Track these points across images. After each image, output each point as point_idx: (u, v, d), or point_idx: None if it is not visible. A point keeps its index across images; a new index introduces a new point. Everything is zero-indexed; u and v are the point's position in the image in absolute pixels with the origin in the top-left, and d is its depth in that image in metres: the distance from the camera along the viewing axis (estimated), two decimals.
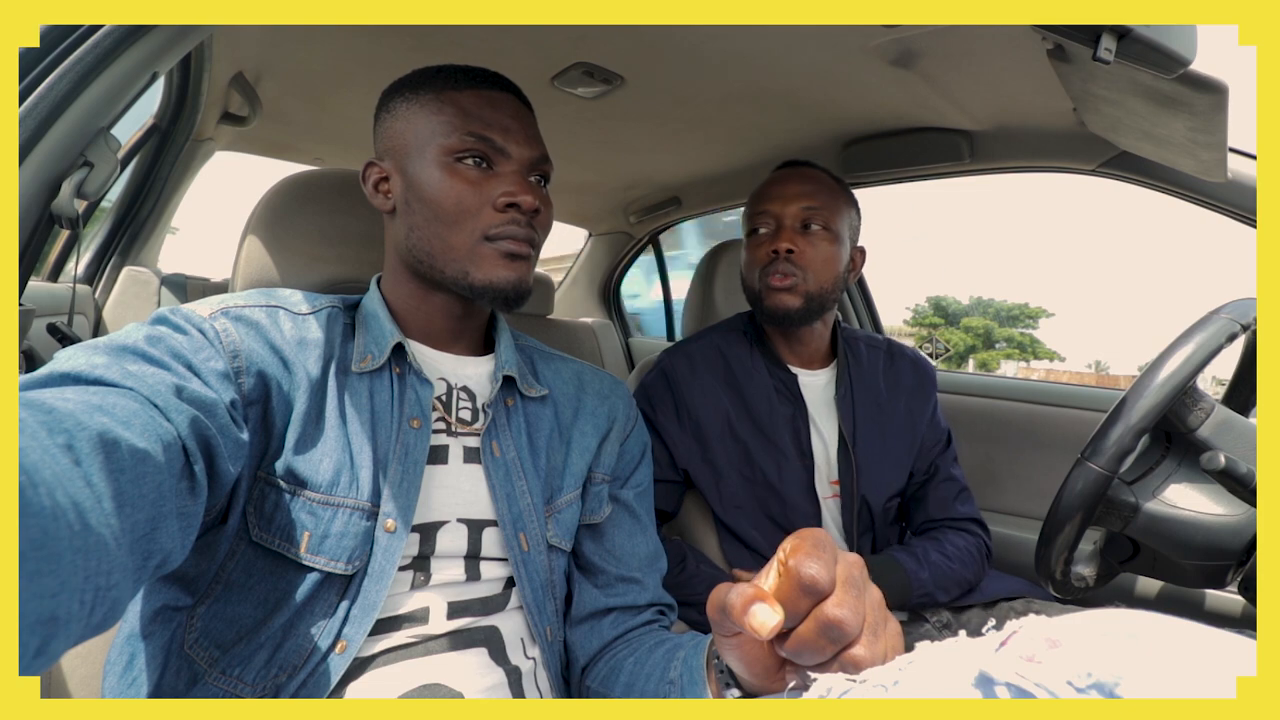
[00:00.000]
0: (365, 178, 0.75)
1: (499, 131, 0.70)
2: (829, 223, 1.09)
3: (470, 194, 0.69)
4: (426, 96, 0.72)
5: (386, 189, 0.73)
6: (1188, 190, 1.10)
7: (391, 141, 0.73)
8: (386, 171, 0.73)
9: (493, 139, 0.70)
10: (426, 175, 0.69)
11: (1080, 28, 0.65)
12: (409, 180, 0.71)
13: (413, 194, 0.70)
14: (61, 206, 0.68)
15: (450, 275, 0.70)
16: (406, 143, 0.71)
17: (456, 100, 0.71)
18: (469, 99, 0.71)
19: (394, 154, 0.72)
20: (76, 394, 0.44)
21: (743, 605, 0.37)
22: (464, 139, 0.69)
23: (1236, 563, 0.79)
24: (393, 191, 0.73)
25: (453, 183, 0.69)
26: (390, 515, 0.63)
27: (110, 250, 1.55)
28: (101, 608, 0.36)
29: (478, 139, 0.69)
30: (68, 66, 0.63)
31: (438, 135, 0.70)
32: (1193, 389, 0.80)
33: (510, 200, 0.69)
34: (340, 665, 0.60)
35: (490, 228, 0.69)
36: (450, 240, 0.69)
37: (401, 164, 0.72)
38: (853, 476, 1.11)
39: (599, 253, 2.57)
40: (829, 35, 1.02)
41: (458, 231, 0.69)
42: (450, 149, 0.69)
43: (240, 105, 1.39)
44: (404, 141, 0.72)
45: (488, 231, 0.69)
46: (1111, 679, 0.25)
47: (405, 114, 0.72)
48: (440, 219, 0.69)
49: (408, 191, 0.71)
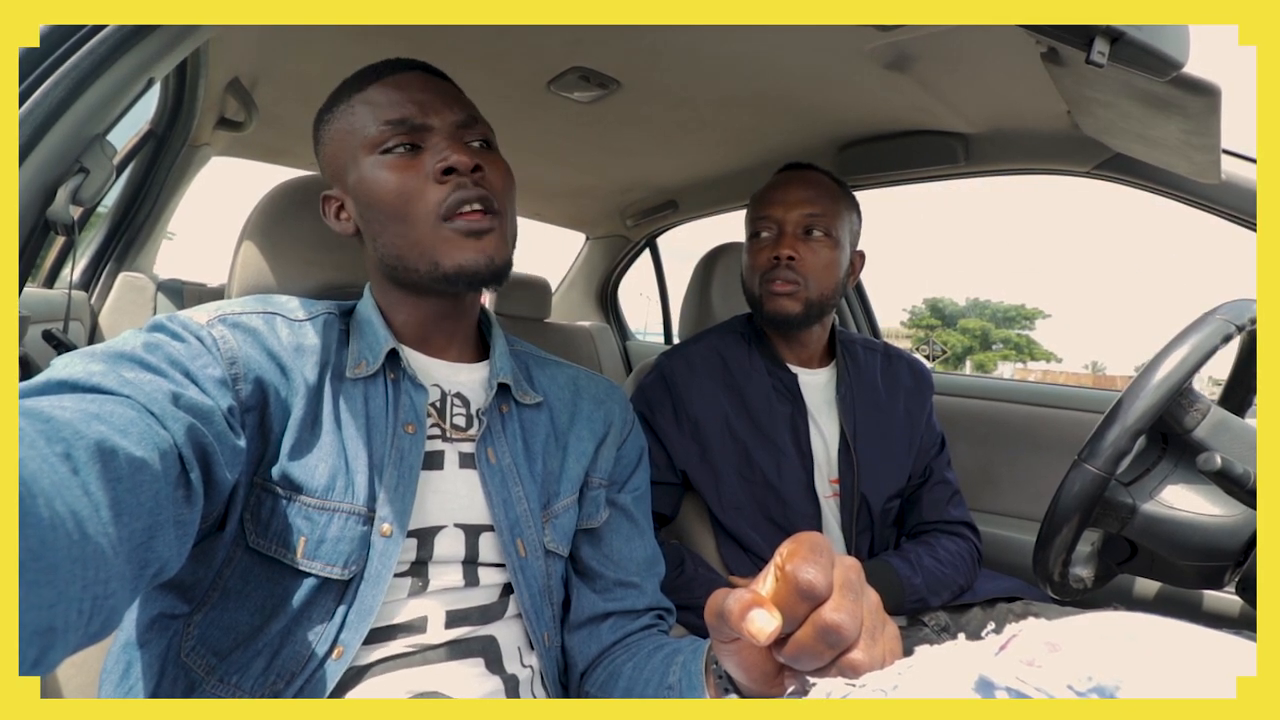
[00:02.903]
0: (324, 211, 0.75)
1: (413, 108, 0.68)
2: (830, 229, 1.09)
3: (407, 179, 0.67)
4: (340, 109, 0.72)
5: (345, 215, 0.73)
6: (1182, 192, 1.11)
7: (330, 167, 0.73)
8: (339, 198, 0.73)
9: (409, 119, 0.68)
10: (364, 180, 0.69)
11: (1073, 31, 0.65)
12: (354, 194, 0.71)
13: (362, 205, 0.70)
14: (57, 213, 0.68)
15: (424, 271, 0.68)
16: (341, 161, 0.71)
17: (364, 99, 0.70)
18: (374, 93, 0.70)
19: (336, 178, 0.73)
20: (74, 402, 0.44)
21: (740, 611, 0.37)
22: (381, 129, 0.68)
23: (1234, 563, 0.80)
24: (349, 213, 0.73)
25: (388, 175, 0.67)
26: (386, 519, 0.63)
27: (106, 256, 1.54)
28: (99, 617, 0.35)
29: (394, 125, 0.68)
30: (63, 72, 0.62)
31: (357, 137, 0.69)
32: (1189, 390, 0.81)
33: (444, 165, 0.66)
34: (337, 671, 0.60)
35: (439, 204, 0.66)
36: (410, 235, 0.68)
37: (344, 183, 0.72)
38: (853, 475, 1.11)
39: (596, 256, 2.57)
40: (824, 39, 1.02)
41: (413, 223, 0.67)
42: (373, 144, 0.68)
43: (237, 110, 1.39)
44: (337, 161, 0.72)
45: (440, 210, 0.66)
46: (1112, 682, 0.25)
47: (328, 135, 0.73)
48: (393, 216, 0.68)
49: (357, 205, 0.71)
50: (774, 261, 1.09)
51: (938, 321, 60.15)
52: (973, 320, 58.49)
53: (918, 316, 60.96)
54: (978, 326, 57.88)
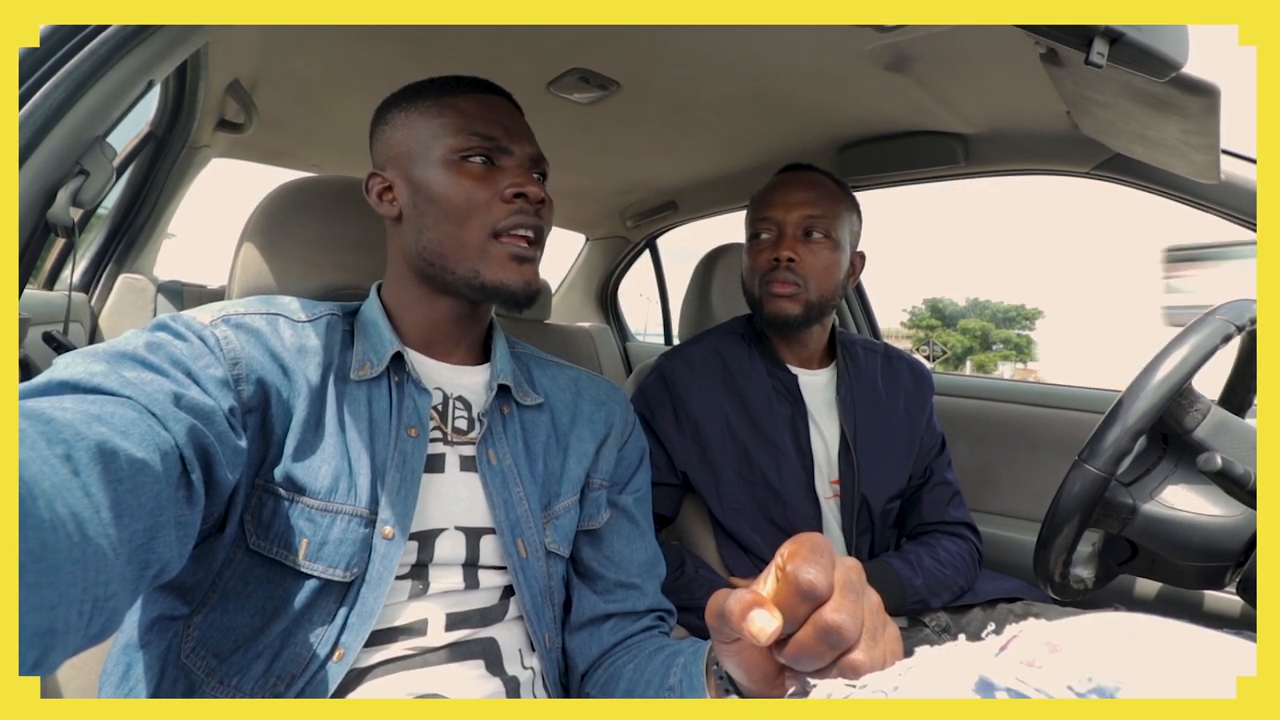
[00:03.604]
0: (368, 189, 0.76)
1: (500, 130, 0.72)
2: (830, 230, 1.09)
3: (478, 189, 0.70)
4: (425, 104, 0.73)
5: (391, 197, 0.74)
6: (1182, 192, 1.11)
7: (392, 150, 0.74)
8: (389, 180, 0.74)
9: (495, 137, 0.72)
10: (433, 176, 0.71)
11: (1073, 32, 0.65)
12: (415, 184, 0.72)
13: (420, 196, 0.71)
14: (57, 215, 0.68)
15: (461, 275, 0.71)
16: (410, 149, 0.73)
17: (455, 104, 0.73)
18: (467, 102, 0.73)
19: (396, 162, 0.74)
20: (75, 403, 0.44)
21: (741, 611, 0.37)
22: (469, 138, 0.71)
23: (1235, 564, 0.80)
24: (398, 198, 0.73)
25: (460, 180, 0.70)
26: (388, 522, 0.63)
27: (106, 258, 1.54)
28: (99, 618, 0.35)
29: (482, 138, 0.71)
30: (64, 74, 0.62)
31: (442, 137, 0.71)
32: (1189, 390, 0.81)
33: (518, 190, 0.71)
34: (338, 674, 0.60)
35: (499, 221, 0.70)
36: (461, 237, 0.70)
37: (405, 170, 0.73)
38: (854, 475, 1.11)
39: (596, 257, 2.57)
40: (824, 40, 1.02)
41: (468, 228, 0.70)
42: (456, 148, 0.71)
43: (236, 112, 1.39)
44: (406, 148, 0.73)
45: (496, 226, 0.70)
46: (1112, 683, 0.25)
47: (404, 123, 0.74)
48: (450, 217, 0.70)
49: (415, 195, 0.72)
50: (774, 263, 1.09)
51: (938, 322, 60.15)
52: (973, 321, 58.49)
53: (918, 317, 60.97)
54: (978, 327, 57.87)
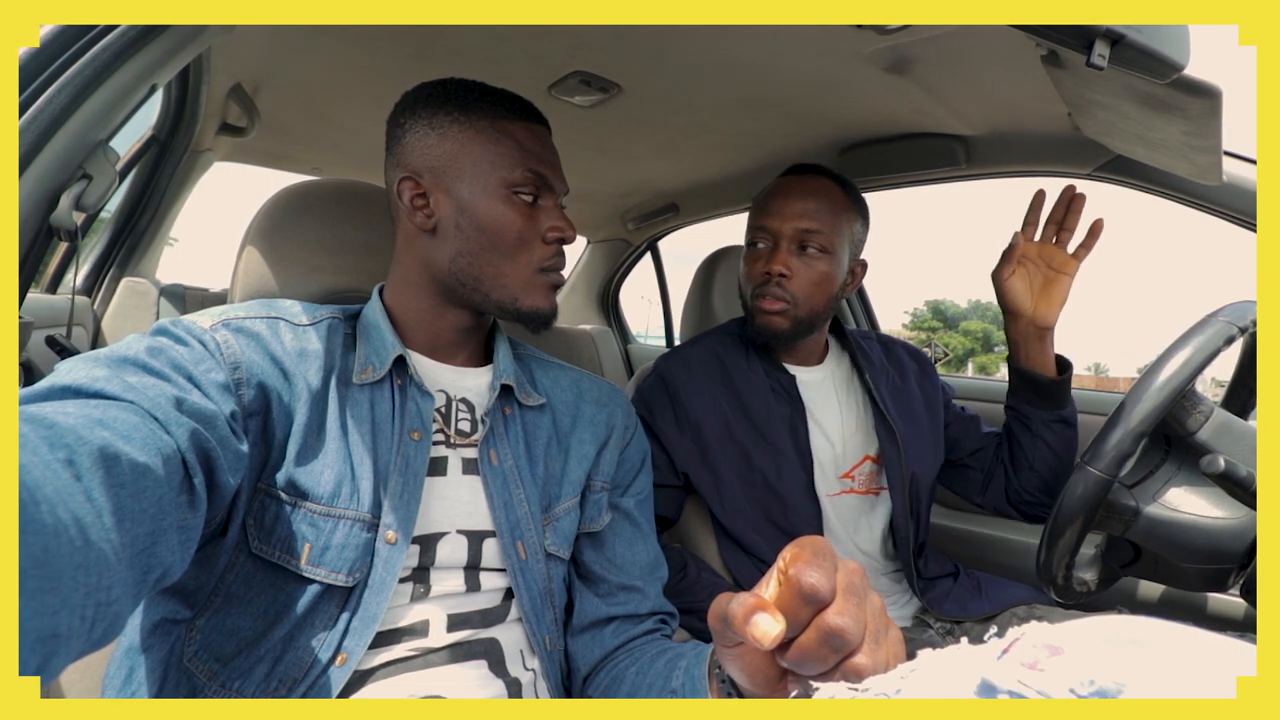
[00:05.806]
0: (399, 192, 0.73)
1: (548, 168, 0.74)
2: (827, 244, 1.07)
3: (527, 227, 0.72)
4: (481, 123, 0.72)
5: (426, 207, 0.72)
6: (1183, 193, 1.10)
7: (436, 161, 0.71)
8: (425, 189, 0.72)
9: (545, 175, 0.73)
10: (486, 205, 0.71)
11: (1073, 34, 0.65)
12: (461, 205, 0.71)
13: (466, 219, 0.71)
14: (60, 219, 0.68)
15: (495, 299, 0.72)
16: (460, 166, 0.71)
17: (511, 132, 0.72)
18: (522, 132, 0.73)
19: (439, 174, 0.71)
20: (77, 408, 0.44)
21: (744, 615, 0.37)
22: (525, 174, 0.72)
23: (1238, 566, 0.79)
24: (435, 211, 0.72)
25: (514, 215, 0.71)
26: (391, 527, 0.63)
27: (109, 261, 1.55)
28: (102, 623, 0.35)
29: (535, 175, 0.72)
30: (66, 79, 0.63)
31: (499, 167, 0.71)
32: (1191, 392, 0.81)
33: (559, 235, 0.74)
34: (340, 678, 0.60)
35: (544, 261, 0.73)
36: (506, 269, 0.72)
37: (450, 186, 0.71)
38: (898, 450, 1.12)
39: (597, 260, 2.57)
40: (825, 42, 1.02)
41: (515, 262, 0.72)
42: (511, 183, 0.71)
43: (239, 116, 1.39)
44: (456, 164, 0.71)
45: (542, 264, 0.73)
46: (1114, 685, 0.25)
47: (457, 136, 0.71)
48: (498, 249, 0.71)
49: (459, 215, 0.71)
50: (765, 276, 1.08)
51: (940, 324, 60.10)
52: (975, 322, 58.44)
53: (919, 319, 60.93)
54: (980, 329, 57.81)
